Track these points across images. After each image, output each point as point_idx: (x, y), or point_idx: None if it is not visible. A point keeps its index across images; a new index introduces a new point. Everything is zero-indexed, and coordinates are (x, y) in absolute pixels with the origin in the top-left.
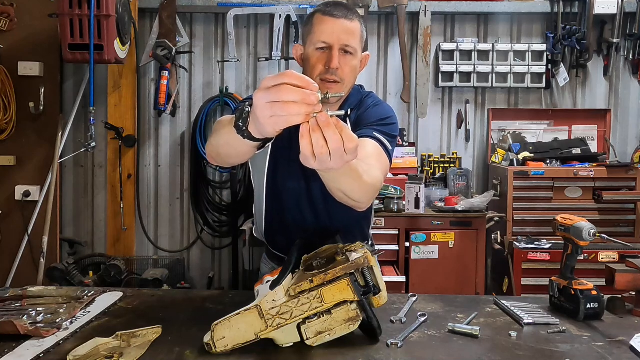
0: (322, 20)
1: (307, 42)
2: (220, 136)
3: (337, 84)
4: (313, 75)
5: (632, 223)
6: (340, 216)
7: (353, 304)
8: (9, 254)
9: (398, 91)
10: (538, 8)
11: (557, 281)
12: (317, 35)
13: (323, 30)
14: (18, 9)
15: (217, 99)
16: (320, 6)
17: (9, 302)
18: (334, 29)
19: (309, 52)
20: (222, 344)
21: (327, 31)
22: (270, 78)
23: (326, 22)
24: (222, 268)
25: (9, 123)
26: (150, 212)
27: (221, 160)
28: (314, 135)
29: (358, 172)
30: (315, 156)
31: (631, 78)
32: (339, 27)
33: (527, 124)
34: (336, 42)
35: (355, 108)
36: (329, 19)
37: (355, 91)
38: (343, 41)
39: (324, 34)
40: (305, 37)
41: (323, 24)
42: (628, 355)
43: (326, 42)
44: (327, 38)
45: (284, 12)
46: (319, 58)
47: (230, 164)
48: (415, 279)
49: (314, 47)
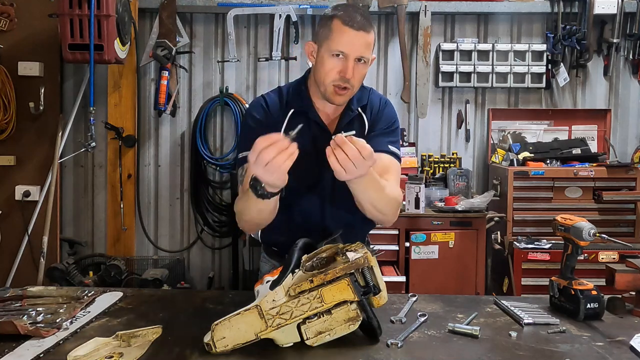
0: (341, 29)
1: (322, 45)
2: (250, 212)
3: (347, 90)
4: (326, 79)
5: (632, 223)
6: (344, 217)
7: (353, 304)
8: (9, 254)
9: (398, 91)
10: (538, 8)
11: (557, 281)
12: (335, 44)
13: (341, 40)
14: (18, 9)
15: (217, 99)
16: (340, 11)
17: (9, 302)
18: (352, 41)
19: (324, 56)
20: (222, 344)
21: (346, 41)
22: (251, 154)
23: (346, 32)
24: (222, 268)
25: (9, 123)
26: (150, 212)
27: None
28: (337, 153)
29: (380, 184)
30: (343, 168)
31: (631, 78)
32: (358, 39)
33: (527, 124)
34: (353, 53)
35: (367, 105)
36: (349, 30)
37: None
38: (359, 53)
39: (341, 43)
40: (321, 38)
41: (342, 34)
42: (628, 355)
43: (343, 52)
44: (344, 48)
45: (284, 12)
46: (334, 65)
47: (268, 221)
48: (415, 279)
49: (329, 53)
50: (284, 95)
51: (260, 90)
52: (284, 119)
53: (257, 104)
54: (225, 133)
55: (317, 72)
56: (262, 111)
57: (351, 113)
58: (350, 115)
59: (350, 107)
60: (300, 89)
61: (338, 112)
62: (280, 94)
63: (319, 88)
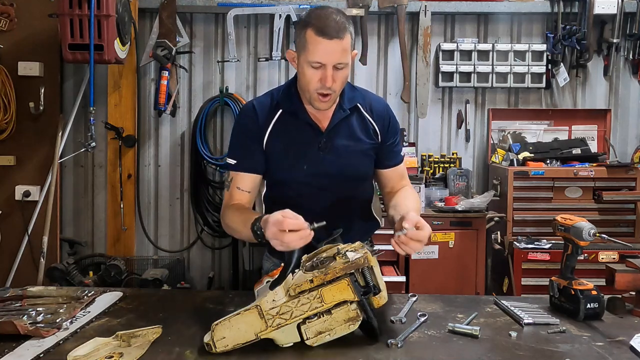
0: (315, 40)
1: (300, 54)
2: (240, 235)
3: (330, 96)
4: (309, 88)
5: (632, 223)
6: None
7: (353, 304)
8: (9, 254)
9: (398, 91)
10: (538, 8)
11: (557, 281)
12: (311, 55)
13: (316, 51)
14: (18, 9)
15: (217, 99)
16: (313, 18)
17: (9, 302)
18: (327, 50)
19: (304, 66)
20: (222, 344)
21: (322, 52)
22: (273, 223)
23: (319, 42)
24: (222, 268)
25: (9, 123)
26: (150, 212)
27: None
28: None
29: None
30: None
31: (631, 78)
32: (332, 48)
33: (527, 124)
34: (330, 62)
35: (369, 108)
36: (322, 40)
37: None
38: (336, 60)
39: (317, 54)
40: (298, 48)
41: (317, 45)
42: (628, 355)
43: (320, 62)
44: (321, 59)
45: (284, 12)
46: (314, 74)
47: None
48: (415, 279)
49: (308, 64)
50: (274, 97)
51: (260, 90)
52: (272, 119)
53: (245, 110)
54: (225, 133)
55: (299, 80)
56: (249, 117)
57: (342, 112)
58: (341, 115)
59: (342, 106)
60: (290, 90)
61: (330, 112)
62: (271, 96)
63: (303, 95)
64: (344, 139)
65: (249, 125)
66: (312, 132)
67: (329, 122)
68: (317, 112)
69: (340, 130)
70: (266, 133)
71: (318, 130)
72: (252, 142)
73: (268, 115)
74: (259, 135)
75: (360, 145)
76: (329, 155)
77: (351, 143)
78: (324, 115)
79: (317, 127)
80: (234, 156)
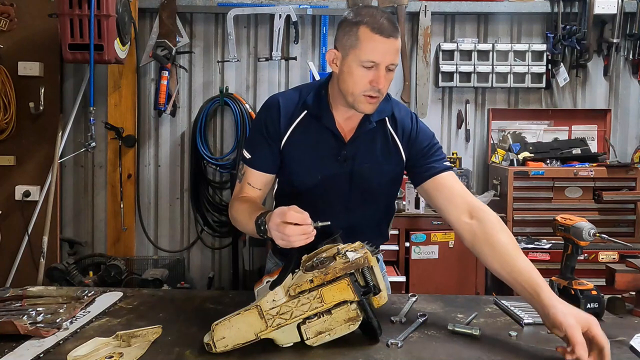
0: (371, 37)
1: (349, 54)
2: (245, 230)
3: (377, 99)
4: (355, 90)
5: (632, 223)
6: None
7: (353, 304)
8: (9, 254)
9: (398, 91)
10: (538, 8)
11: (557, 281)
12: (365, 53)
13: (373, 49)
14: (18, 9)
15: (217, 99)
16: (365, 16)
17: (9, 302)
18: (384, 49)
19: (353, 66)
20: (222, 344)
21: (377, 51)
22: (277, 214)
23: (376, 40)
24: (222, 268)
25: (9, 123)
26: (150, 212)
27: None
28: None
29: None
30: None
31: (631, 78)
32: (389, 48)
33: (527, 124)
34: (384, 62)
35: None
36: (379, 37)
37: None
38: (390, 61)
39: (373, 53)
40: (346, 47)
41: (373, 42)
42: (628, 355)
43: (374, 61)
44: (375, 58)
45: (284, 12)
46: (364, 75)
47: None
48: (415, 279)
49: (359, 63)
50: (302, 95)
51: (260, 90)
52: (296, 119)
53: (269, 105)
54: (225, 133)
55: (343, 82)
56: (270, 116)
57: (369, 125)
58: (367, 127)
59: (369, 118)
60: (320, 92)
61: (354, 124)
62: (300, 93)
63: (345, 98)
64: (364, 157)
65: (268, 124)
66: (334, 141)
67: (353, 134)
68: (343, 121)
69: (362, 146)
70: (286, 134)
71: (341, 140)
72: (269, 141)
73: (292, 115)
74: (278, 135)
75: (380, 167)
76: (346, 170)
77: (372, 163)
78: (348, 125)
79: (340, 136)
80: (249, 150)
